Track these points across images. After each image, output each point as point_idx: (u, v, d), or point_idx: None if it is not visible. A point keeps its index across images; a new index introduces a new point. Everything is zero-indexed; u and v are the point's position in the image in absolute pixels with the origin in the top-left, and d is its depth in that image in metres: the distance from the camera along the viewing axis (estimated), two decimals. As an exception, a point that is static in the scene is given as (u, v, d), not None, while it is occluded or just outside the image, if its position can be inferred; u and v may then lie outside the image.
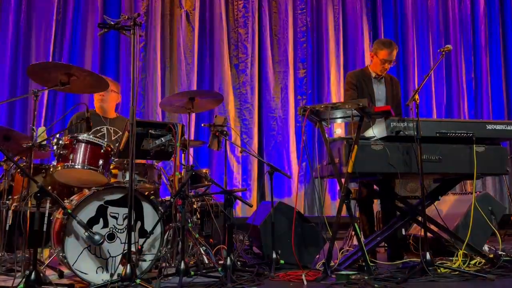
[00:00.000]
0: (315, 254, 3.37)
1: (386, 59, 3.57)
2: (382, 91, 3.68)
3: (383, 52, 3.57)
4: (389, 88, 3.70)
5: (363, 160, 2.88)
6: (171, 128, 2.97)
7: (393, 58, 3.59)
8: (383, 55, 3.57)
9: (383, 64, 3.59)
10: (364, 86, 3.63)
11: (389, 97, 3.68)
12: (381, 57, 3.58)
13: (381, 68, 3.62)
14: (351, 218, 3.03)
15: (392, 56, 3.58)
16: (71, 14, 5.53)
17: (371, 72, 3.70)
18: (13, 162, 2.55)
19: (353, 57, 6.46)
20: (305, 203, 6.11)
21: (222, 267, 2.73)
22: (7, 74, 5.15)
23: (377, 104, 3.59)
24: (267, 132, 6.18)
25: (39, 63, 2.76)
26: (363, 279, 2.59)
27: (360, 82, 3.63)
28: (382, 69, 3.63)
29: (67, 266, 2.55)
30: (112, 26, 2.60)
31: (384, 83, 3.70)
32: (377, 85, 3.68)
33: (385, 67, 3.61)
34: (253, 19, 6.25)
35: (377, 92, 3.66)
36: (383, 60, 3.58)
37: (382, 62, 3.59)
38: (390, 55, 3.57)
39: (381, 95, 3.67)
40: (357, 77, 3.67)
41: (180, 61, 5.89)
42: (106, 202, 2.66)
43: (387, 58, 3.57)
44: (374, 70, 3.68)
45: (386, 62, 3.58)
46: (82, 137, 2.72)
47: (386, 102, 3.66)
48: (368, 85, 3.64)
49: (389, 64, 3.60)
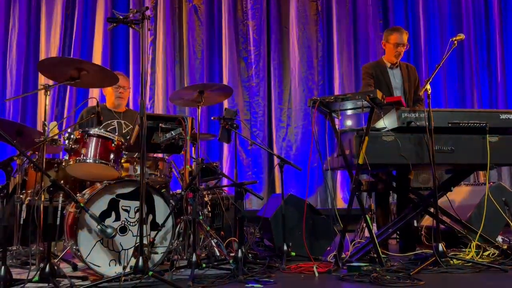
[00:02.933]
0: (326, 246, 3.37)
1: (398, 43, 3.62)
2: (398, 79, 3.68)
3: (393, 37, 3.64)
4: (405, 75, 3.69)
5: (374, 152, 2.86)
6: (181, 121, 2.97)
7: (405, 41, 3.64)
8: (394, 39, 3.63)
9: (396, 48, 3.62)
10: (380, 77, 3.64)
11: (406, 84, 3.67)
12: (392, 42, 3.64)
13: (395, 53, 3.64)
14: (362, 210, 3.02)
15: (403, 39, 3.63)
16: (80, 9, 5.55)
17: (386, 62, 3.72)
18: (26, 157, 2.57)
19: (364, 48, 6.39)
20: (317, 195, 6.10)
21: (234, 260, 2.74)
22: (19, 70, 5.20)
23: (395, 92, 3.60)
24: (276, 124, 6.16)
25: (49, 59, 2.79)
26: (375, 271, 2.58)
27: (376, 72, 3.65)
28: (396, 54, 3.65)
29: (81, 259, 2.58)
30: (121, 21, 2.59)
31: (400, 71, 3.70)
32: (393, 74, 3.69)
33: (398, 50, 3.63)
34: (262, 11, 6.21)
35: (393, 81, 3.66)
36: (395, 44, 3.63)
37: (395, 46, 3.63)
38: (401, 37, 3.63)
39: (398, 83, 3.67)
40: (373, 67, 3.70)
41: (189, 55, 5.89)
42: (118, 195, 2.68)
43: (399, 41, 3.62)
44: (389, 59, 3.70)
45: (398, 45, 3.62)
46: (93, 132, 2.74)
47: (403, 90, 3.65)
48: (384, 75, 3.65)
49: (402, 47, 3.63)
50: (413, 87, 3.69)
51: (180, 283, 2.38)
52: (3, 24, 5.21)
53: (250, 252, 3.30)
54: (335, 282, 2.53)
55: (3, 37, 5.21)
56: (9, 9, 5.26)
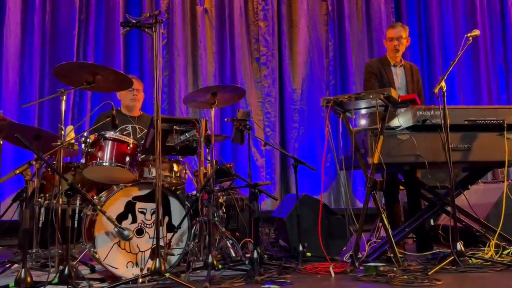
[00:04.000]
0: (342, 246, 3.35)
1: (392, 37, 3.64)
2: (402, 79, 3.65)
3: (388, 32, 3.71)
4: (409, 75, 3.66)
5: (389, 151, 2.84)
6: (195, 123, 2.99)
7: (400, 34, 3.63)
8: (388, 34, 3.69)
9: (391, 42, 3.63)
10: (384, 75, 3.61)
11: (409, 85, 3.63)
12: (388, 37, 3.68)
13: (390, 46, 3.65)
14: (378, 209, 2.99)
15: (397, 33, 3.64)
16: (94, 14, 5.61)
17: (389, 60, 3.69)
18: (44, 161, 2.61)
19: (378, 46, 6.35)
20: (331, 195, 6.07)
21: (249, 260, 2.74)
22: (35, 75, 5.28)
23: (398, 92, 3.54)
24: (289, 125, 6.15)
25: (65, 64, 2.82)
26: (392, 271, 2.55)
27: (379, 70, 3.63)
28: (392, 49, 3.64)
29: (98, 261, 2.61)
30: (134, 25, 2.63)
31: (404, 71, 3.67)
32: (397, 73, 3.66)
33: (393, 44, 3.63)
34: (273, 12, 6.21)
35: (396, 80, 3.63)
36: (389, 38, 3.66)
37: (389, 40, 3.65)
38: (394, 31, 3.65)
39: (401, 83, 3.64)
40: (376, 65, 3.67)
41: (201, 58, 5.91)
42: (134, 198, 2.71)
43: (393, 36, 3.64)
44: (389, 55, 3.69)
45: (393, 39, 3.63)
46: (108, 135, 2.78)
47: (407, 89, 3.62)
48: (387, 72, 3.63)
49: (397, 41, 3.62)
50: (415, 89, 3.65)
51: (197, 284, 2.40)
52: (19, 31, 5.30)
53: (265, 253, 3.30)
54: (352, 283, 2.52)
55: (20, 44, 5.29)
56: (25, 15, 5.35)
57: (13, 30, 5.25)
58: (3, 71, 5.13)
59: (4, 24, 5.19)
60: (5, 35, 5.19)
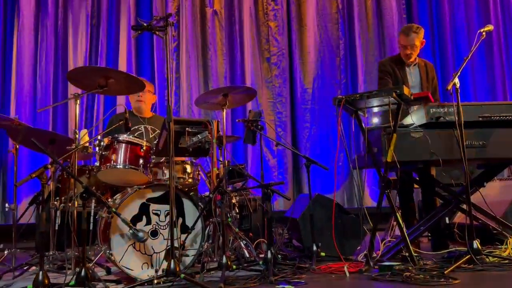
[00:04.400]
0: (356, 245, 3.33)
1: (404, 45, 3.52)
2: (416, 77, 3.60)
3: (400, 38, 3.57)
4: (423, 73, 3.61)
5: (402, 149, 2.82)
6: (207, 125, 3.00)
7: (412, 42, 3.49)
8: (400, 41, 3.57)
9: (404, 50, 3.53)
10: (397, 73, 3.57)
11: (424, 83, 3.59)
12: (399, 43, 3.58)
13: (402, 54, 3.57)
14: (392, 208, 2.97)
15: (410, 40, 3.49)
16: (105, 18, 5.67)
17: (403, 58, 3.64)
18: (59, 165, 2.65)
19: (389, 43, 6.30)
20: (344, 194, 6.04)
21: (263, 261, 2.74)
22: (49, 80, 5.35)
23: (412, 91, 3.50)
24: (301, 124, 6.14)
25: (78, 68, 2.86)
26: (408, 270, 2.53)
27: (393, 68, 3.58)
28: (404, 55, 3.56)
29: (114, 263, 2.64)
30: (145, 28, 2.65)
31: (418, 69, 3.62)
32: (411, 71, 3.61)
33: (406, 52, 3.53)
34: (282, 11, 6.20)
35: (410, 79, 3.59)
36: (402, 46, 3.54)
37: (402, 47, 3.54)
38: (406, 39, 3.50)
39: (415, 81, 3.60)
40: (390, 64, 3.63)
41: (212, 59, 5.93)
42: (148, 199, 2.73)
43: (404, 43, 3.52)
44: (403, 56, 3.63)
45: (406, 47, 3.51)
46: (122, 138, 2.80)
47: (421, 88, 3.58)
48: (401, 71, 3.58)
49: (410, 49, 3.51)
50: (431, 87, 3.60)
51: (211, 285, 2.41)
52: (32, 37, 5.38)
53: (279, 253, 3.30)
54: (366, 282, 2.50)
55: (33, 50, 5.37)
56: (38, 21, 5.43)
57: (26, 35, 5.33)
58: (18, 77, 5.22)
59: (18, 30, 5.27)
60: (19, 41, 5.27)
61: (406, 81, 3.55)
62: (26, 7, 5.35)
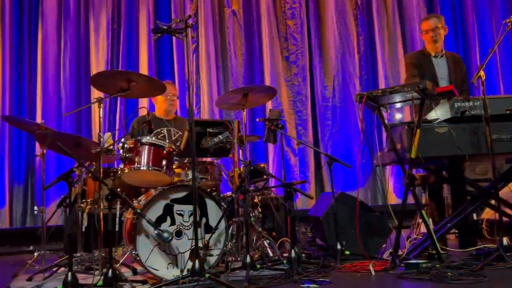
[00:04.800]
0: (381, 243, 3.29)
1: (426, 29, 3.62)
2: (443, 69, 3.56)
3: (422, 25, 3.70)
4: (451, 65, 3.57)
5: (427, 144, 2.76)
6: (227, 125, 3.02)
7: (435, 25, 3.59)
8: (423, 27, 3.68)
9: (426, 34, 3.62)
10: (425, 67, 3.54)
11: (452, 75, 3.53)
12: (422, 30, 3.67)
13: (428, 39, 3.62)
14: (418, 205, 2.92)
15: (431, 24, 3.60)
16: (125, 22, 5.75)
17: (429, 51, 3.62)
18: (84, 168, 2.71)
19: (411, 37, 6.20)
20: (368, 192, 5.98)
21: (287, 260, 2.74)
22: (72, 85, 5.46)
23: (440, 83, 3.48)
24: (322, 122, 6.10)
25: (100, 72, 2.92)
26: (435, 268, 2.48)
27: (420, 62, 3.56)
28: (430, 40, 3.61)
29: (140, 263, 2.68)
30: (165, 31, 2.68)
31: (445, 60, 3.58)
32: (438, 64, 3.58)
33: (429, 35, 3.60)
34: (300, 9, 6.17)
35: (438, 71, 3.55)
36: (424, 31, 3.64)
37: (425, 33, 3.63)
38: (428, 23, 3.62)
39: (443, 73, 3.55)
40: (416, 57, 3.63)
41: (231, 59, 5.95)
42: (172, 200, 2.76)
43: (427, 28, 3.62)
44: (429, 47, 3.63)
45: (428, 32, 3.60)
46: (145, 140, 2.84)
47: (449, 80, 3.53)
48: (428, 64, 3.55)
49: (432, 32, 3.58)
50: (459, 78, 3.54)
51: (236, 284, 2.42)
52: (55, 43, 5.50)
53: (303, 252, 3.29)
54: (393, 281, 2.47)
55: (57, 56, 5.50)
56: (60, 28, 5.55)
57: (50, 42, 5.46)
58: (43, 83, 5.35)
59: (42, 37, 5.40)
60: (43, 47, 5.40)
61: (434, 74, 3.53)
62: (49, 15, 5.47)
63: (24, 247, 4.54)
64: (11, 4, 5.33)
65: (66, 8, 5.56)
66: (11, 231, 4.95)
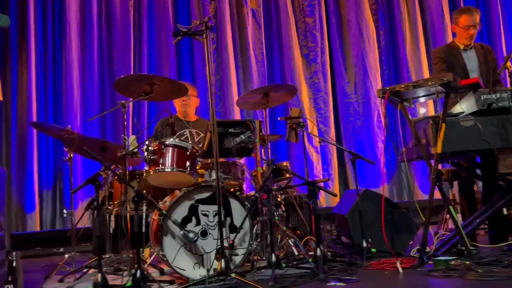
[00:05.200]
0: (408, 240, 3.24)
1: (468, 25, 3.42)
2: (473, 61, 3.47)
3: (463, 19, 3.45)
4: (480, 56, 3.47)
5: (452, 138, 2.71)
6: (249, 125, 3.03)
7: (476, 21, 3.42)
8: (464, 22, 3.44)
9: (467, 30, 3.43)
10: (454, 60, 3.45)
11: (483, 66, 3.45)
12: (462, 24, 3.45)
13: (466, 35, 3.45)
14: (445, 200, 2.87)
15: (474, 20, 3.42)
16: (146, 26, 5.82)
17: (458, 44, 3.52)
18: (111, 171, 2.76)
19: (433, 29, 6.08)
20: (393, 188, 5.90)
21: (313, 258, 2.73)
22: (96, 89, 5.57)
23: (471, 75, 3.39)
24: (344, 119, 6.05)
25: (124, 77, 2.96)
26: (464, 265, 2.43)
27: (448, 56, 3.47)
28: (468, 37, 3.45)
29: (167, 264, 2.71)
30: (185, 33, 2.71)
31: (475, 52, 3.49)
32: (468, 56, 3.49)
33: (469, 33, 3.43)
34: (319, 6, 6.14)
35: (468, 64, 3.46)
36: (465, 27, 3.43)
37: (465, 28, 3.43)
38: (471, 19, 3.42)
39: (473, 65, 3.47)
40: (445, 51, 3.52)
41: (250, 58, 5.96)
42: (197, 201, 2.79)
43: (469, 24, 3.42)
44: (461, 41, 3.52)
45: (469, 27, 3.42)
46: (169, 142, 2.88)
47: (480, 72, 3.43)
48: (458, 58, 3.46)
49: (473, 29, 3.42)
50: (491, 69, 3.44)
51: (262, 283, 2.42)
52: (80, 50, 5.61)
53: (328, 250, 3.28)
54: (421, 278, 2.43)
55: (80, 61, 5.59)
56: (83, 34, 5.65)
57: (74, 48, 5.56)
58: (68, 88, 5.46)
59: (66, 43, 5.52)
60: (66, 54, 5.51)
61: (464, 67, 3.45)
62: (72, 21, 5.57)
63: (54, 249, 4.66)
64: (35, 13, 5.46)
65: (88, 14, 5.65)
66: (41, 234, 5.09)
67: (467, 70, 3.42)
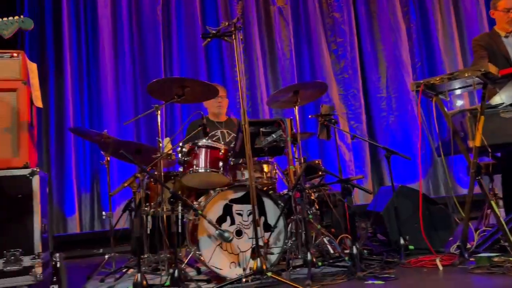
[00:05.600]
0: (447, 237, 3.16)
1: (508, 8, 3.29)
2: None
3: (502, 2, 3.33)
4: None
5: (492, 131, 2.62)
6: (280, 123, 3.02)
7: None
8: (504, 4, 3.32)
9: (508, 13, 3.29)
10: (495, 49, 3.32)
11: None
12: (502, 8, 3.32)
13: (506, 19, 3.31)
14: (486, 195, 2.77)
15: None
16: (175, 29, 5.91)
17: (498, 32, 3.38)
18: (146, 173, 2.82)
19: (468, 19, 5.89)
20: (429, 184, 5.75)
21: (349, 256, 2.70)
22: (129, 93, 5.70)
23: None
24: (376, 114, 5.95)
25: (157, 80, 3.02)
26: (509, 261, 2.34)
27: (489, 44, 3.34)
28: (508, 21, 3.32)
29: (203, 263, 2.75)
30: (214, 35, 2.73)
31: None
32: (510, 43, 3.35)
33: (510, 16, 3.29)
34: (348, 1, 6.05)
35: (511, 51, 3.32)
36: (505, 10, 3.30)
37: (505, 11, 3.30)
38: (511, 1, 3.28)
39: None
40: (485, 39, 3.39)
41: (279, 56, 5.95)
42: (231, 200, 2.81)
43: (510, 6, 3.29)
44: (502, 28, 3.38)
45: (510, 10, 3.28)
46: (201, 143, 2.92)
47: None
48: (499, 46, 3.33)
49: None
50: None
51: (298, 282, 2.42)
52: (112, 57, 5.76)
53: (364, 248, 3.23)
54: (463, 275, 2.36)
55: (114, 66, 5.74)
56: (116, 40, 5.79)
57: (107, 54, 5.72)
58: (103, 93, 5.62)
59: (99, 50, 5.68)
60: (101, 60, 5.68)
61: (507, 55, 3.32)
62: (104, 29, 5.72)
63: (94, 250, 4.81)
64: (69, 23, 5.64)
65: (119, 19, 5.79)
66: (81, 236, 5.26)
67: (510, 58, 3.29)
